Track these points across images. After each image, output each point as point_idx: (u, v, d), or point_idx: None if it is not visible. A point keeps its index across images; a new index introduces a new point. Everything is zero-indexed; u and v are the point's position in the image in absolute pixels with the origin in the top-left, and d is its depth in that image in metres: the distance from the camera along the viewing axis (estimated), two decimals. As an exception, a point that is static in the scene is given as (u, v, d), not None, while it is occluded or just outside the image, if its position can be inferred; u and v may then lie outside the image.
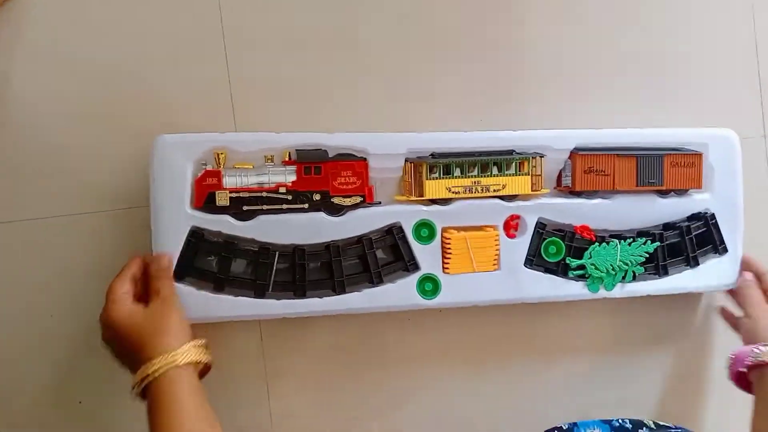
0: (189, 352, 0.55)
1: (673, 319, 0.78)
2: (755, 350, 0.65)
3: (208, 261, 0.64)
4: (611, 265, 0.69)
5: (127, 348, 0.56)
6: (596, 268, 0.69)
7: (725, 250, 0.73)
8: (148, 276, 0.60)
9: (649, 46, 0.77)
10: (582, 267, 0.69)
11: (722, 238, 0.73)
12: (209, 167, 0.63)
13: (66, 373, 0.67)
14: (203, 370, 0.59)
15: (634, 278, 0.70)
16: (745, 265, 0.73)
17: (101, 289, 0.58)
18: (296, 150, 0.64)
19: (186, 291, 0.62)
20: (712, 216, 0.72)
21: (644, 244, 0.70)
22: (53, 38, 0.65)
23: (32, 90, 0.65)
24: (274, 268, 0.64)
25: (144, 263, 0.61)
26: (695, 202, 0.73)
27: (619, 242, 0.70)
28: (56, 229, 0.65)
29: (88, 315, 0.60)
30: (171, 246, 0.62)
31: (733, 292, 0.74)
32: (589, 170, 0.69)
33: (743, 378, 0.66)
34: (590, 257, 0.69)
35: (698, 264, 0.72)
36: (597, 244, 0.69)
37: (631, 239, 0.70)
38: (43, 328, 0.66)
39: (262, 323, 0.70)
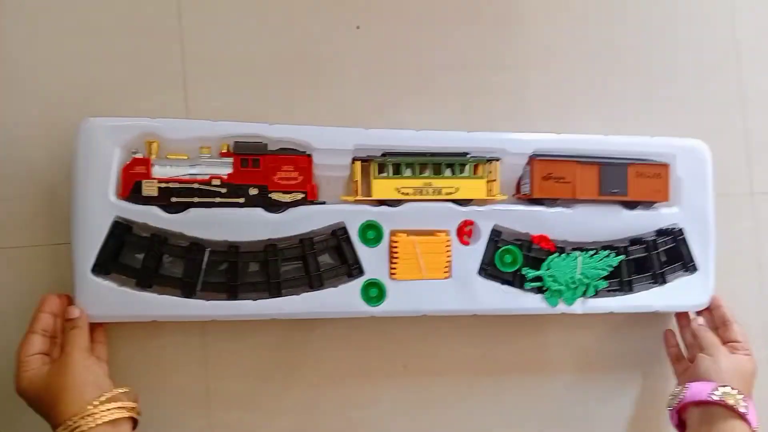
0: (98, 414, 0.51)
1: (643, 339, 0.72)
2: (717, 390, 0.61)
3: (136, 258, 0.60)
4: (571, 278, 0.65)
5: (42, 415, 0.53)
6: (555, 281, 0.64)
7: (695, 269, 0.68)
8: (61, 325, 0.57)
9: (621, 48, 0.74)
10: (539, 278, 0.64)
11: (691, 255, 0.68)
12: (141, 156, 0.59)
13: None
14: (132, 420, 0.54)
15: (596, 293, 0.66)
16: (713, 307, 0.68)
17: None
18: (235, 141, 0.60)
19: (106, 287, 0.57)
20: (680, 231, 0.68)
21: (607, 257, 0.66)
22: None
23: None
24: (204, 265, 0.59)
25: (55, 310, 0.56)
26: (663, 216, 0.68)
27: (581, 254, 0.65)
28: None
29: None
30: (93, 238, 0.57)
31: (682, 329, 0.70)
32: (548, 177, 0.65)
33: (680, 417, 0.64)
34: (548, 268, 0.64)
35: (665, 282, 0.68)
36: (556, 254, 0.65)
37: (594, 251, 0.66)
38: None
39: (206, 325, 0.64)
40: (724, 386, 0.61)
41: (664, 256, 0.68)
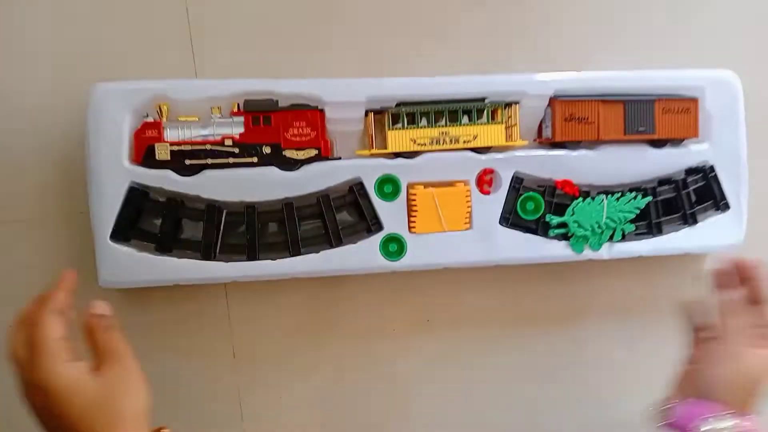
0: None
1: (675, 285, 0.70)
2: (708, 422, 0.50)
3: (154, 223, 0.60)
4: (597, 222, 0.63)
5: (63, 428, 0.41)
6: (580, 226, 0.62)
7: (727, 207, 0.66)
8: (87, 324, 0.45)
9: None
10: (564, 225, 0.63)
11: (723, 193, 0.65)
12: (151, 120, 0.58)
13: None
14: None
15: (624, 237, 0.64)
16: (746, 277, 0.55)
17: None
18: (245, 100, 0.59)
19: (126, 253, 0.57)
20: (711, 168, 0.65)
21: (634, 199, 0.63)
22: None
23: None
24: (221, 227, 0.59)
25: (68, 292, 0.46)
26: (692, 153, 0.65)
27: (606, 197, 0.63)
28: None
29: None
30: (109, 205, 0.57)
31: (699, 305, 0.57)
32: (570, 118, 0.63)
33: None
34: (573, 214, 0.62)
35: (696, 222, 0.65)
36: (581, 199, 0.63)
37: (620, 194, 0.63)
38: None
39: (228, 286, 0.65)
40: (719, 418, 0.50)
41: (694, 195, 0.65)
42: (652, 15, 0.70)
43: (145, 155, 0.58)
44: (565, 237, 0.63)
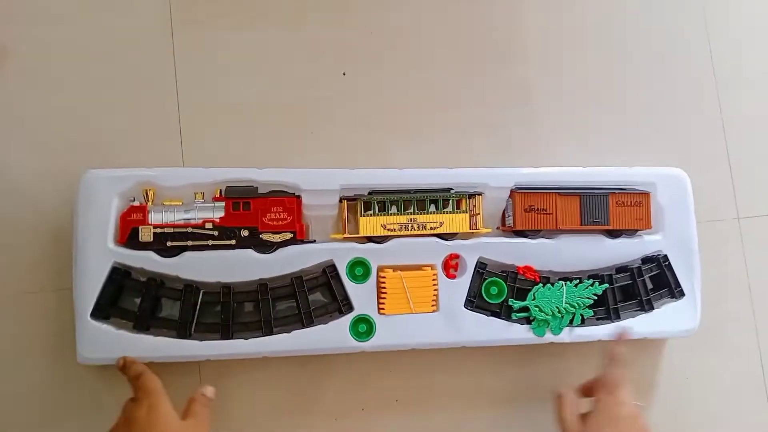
0: None
1: (635, 367, 0.73)
2: None
3: (134, 302, 0.62)
4: (557, 307, 0.66)
5: None
6: (540, 311, 0.66)
7: (682, 294, 0.69)
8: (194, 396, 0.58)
9: (598, 81, 0.77)
10: (525, 309, 0.66)
11: (677, 281, 0.69)
12: (137, 204, 0.62)
13: None
14: None
15: (583, 322, 0.67)
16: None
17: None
18: (226, 186, 0.63)
19: (104, 330, 0.60)
20: (665, 258, 0.69)
21: (592, 285, 0.67)
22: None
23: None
24: (198, 307, 0.62)
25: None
26: (646, 243, 0.70)
27: (565, 283, 0.67)
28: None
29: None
30: (92, 283, 0.60)
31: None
32: (530, 209, 0.67)
33: None
34: (534, 299, 0.66)
35: (653, 308, 0.68)
36: (541, 285, 0.66)
37: (578, 281, 0.67)
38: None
39: (201, 364, 0.66)
40: None
41: (650, 283, 0.69)
42: (606, 117, 0.77)
43: (129, 237, 0.61)
44: (527, 320, 0.66)
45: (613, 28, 0.78)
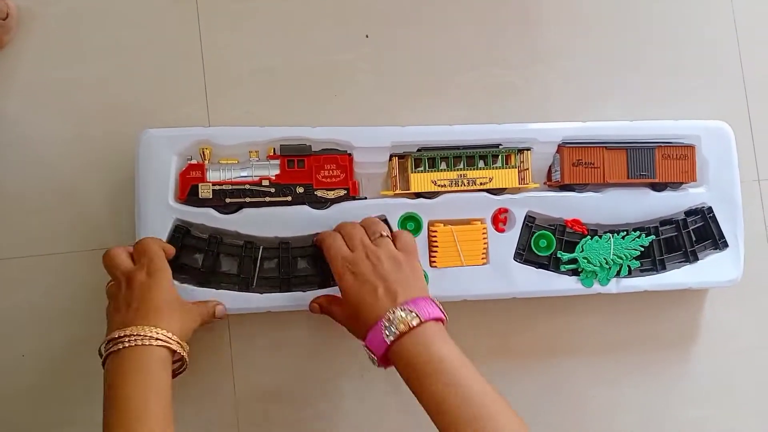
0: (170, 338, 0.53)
1: (678, 318, 0.75)
2: (386, 327, 0.53)
3: (195, 258, 0.64)
4: (605, 258, 0.67)
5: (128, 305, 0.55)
6: (589, 262, 0.67)
7: (725, 245, 0.70)
8: None
9: (637, 41, 0.77)
10: (574, 261, 0.67)
11: (721, 232, 0.70)
12: (195, 162, 0.64)
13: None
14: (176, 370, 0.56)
15: (630, 273, 0.68)
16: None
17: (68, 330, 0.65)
18: (281, 145, 0.65)
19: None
20: (710, 209, 0.70)
21: (639, 237, 0.68)
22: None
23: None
24: (258, 262, 0.64)
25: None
26: (691, 196, 0.71)
27: (613, 236, 0.68)
28: (25, 267, 0.66)
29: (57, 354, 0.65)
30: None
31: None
32: (577, 163, 0.68)
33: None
34: (582, 251, 0.67)
35: (697, 259, 0.70)
36: (589, 237, 0.68)
37: (625, 233, 0.68)
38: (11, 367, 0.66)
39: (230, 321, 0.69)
40: (387, 317, 0.53)
41: (694, 235, 0.70)
42: (652, 69, 0.77)
43: (189, 194, 0.63)
44: (576, 272, 0.68)
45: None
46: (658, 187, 0.70)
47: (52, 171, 0.67)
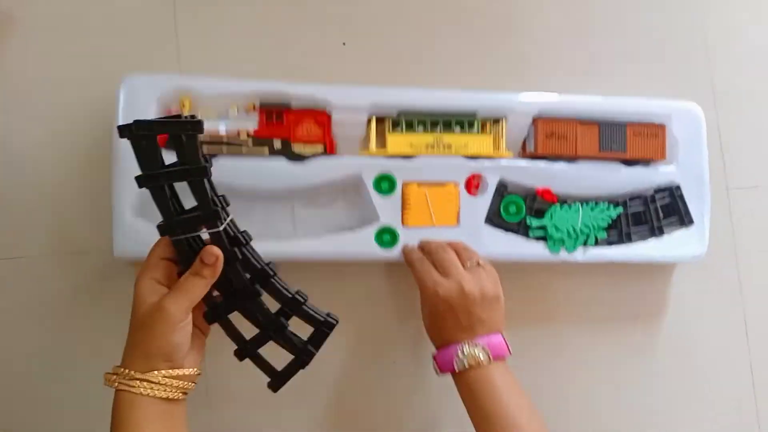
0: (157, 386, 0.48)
1: (642, 291, 0.77)
2: (459, 356, 0.59)
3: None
4: (572, 226, 0.69)
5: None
6: (557, 229, 0.69)
7: (691, 222, 0.72)
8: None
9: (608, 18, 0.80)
10: (543, 227, 0.69)
11: (688, 209, 0.72)
12: (174, 111, 0.64)
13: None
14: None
15: (597, 243, 0.70)
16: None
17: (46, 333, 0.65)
18: (260, 101, 0.66)
19: (140, 226, 0.62)
20: (678, 187, 0.72)
21: (607, 209, 0.70)
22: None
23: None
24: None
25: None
26: (661, 173, 0.72)
27: (582, 205, 0.69)
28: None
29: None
30: (130, 181, 0.62)
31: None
32: (551, 135, 0.70)
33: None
34: (551, 218, 0.69)
35: (663, 233, 0.72)
36: (558, 206, 0.69)
37: (594, 204, 0.70)
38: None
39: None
40: (462, 348, 0.59)
41: (662, 211, 0.72)
42: (627, 47, 0.79)
43: (167, 141, 0.64)
44: (543, 239, 0.69)
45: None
46: (629, 163, 0.72)
47: (26, 172, 0.67)
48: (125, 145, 0.49)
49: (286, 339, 0.53)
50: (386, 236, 0.66)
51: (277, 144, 0.66)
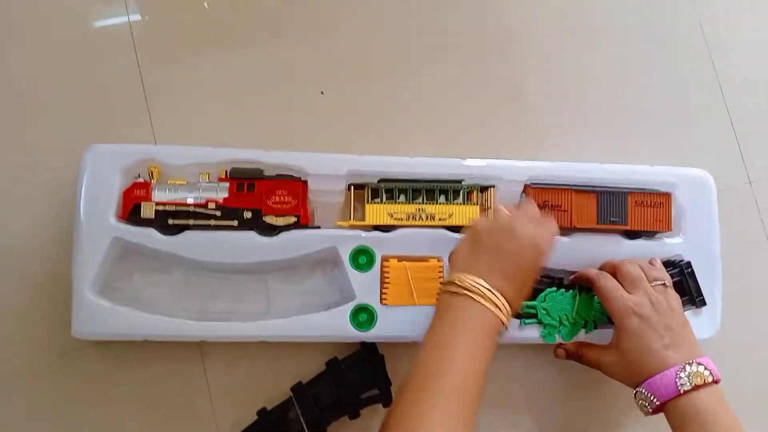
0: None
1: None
2: (681, 377, 0.54)
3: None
4: (566, 314, 0.63)
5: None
6: (548, 314, 0.62)
7: (703, 303, 0.66)
8: None
9: (617, 83, 0.75)
10: (533, 310, 0.63)
11: (699, 289, 0.66)
12: (142, 180, 0.61)
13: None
14: None
15: (596, 327, 0.64)
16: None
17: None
18: (232, 167, 0.62)
19: (101, 305, 0.59)
20: (688, 264, 0.66)
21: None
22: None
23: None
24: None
25: None
26: (666, 245, 0.66)
27: (579, 294, 0.63)
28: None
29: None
30: (91, 257, 0.59)
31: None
32: (543, 205, 0.65)
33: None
34: (544, 300, 0.63)
35: (671, 315, 0.65)
36: (554, 288, 0.63)
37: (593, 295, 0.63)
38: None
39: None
40: (683, 368, 0.54)
41: (669, 288, 0.66)
42: (628, 114, 0.74)
43: (131, 213, 0.60)
44: (535, 318, 0.63)
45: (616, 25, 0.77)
46: (631, 235, 0.66)
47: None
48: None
49: None
50: (363, 315, 0.61)
51: (248, 214, 0.62)
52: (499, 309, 0.51)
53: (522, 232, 0.53)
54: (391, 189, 0.64)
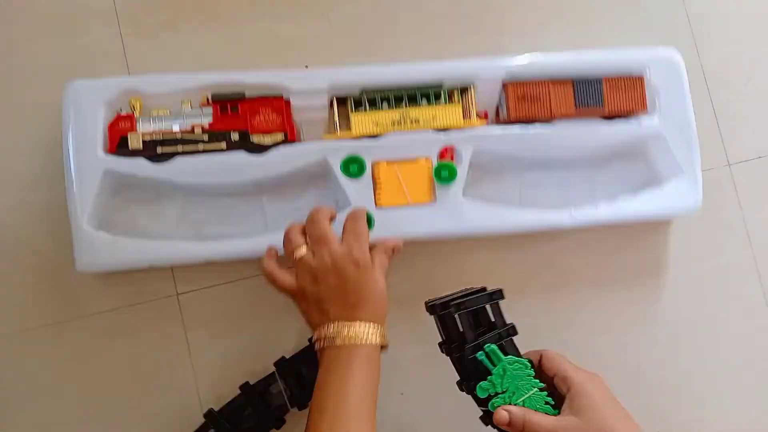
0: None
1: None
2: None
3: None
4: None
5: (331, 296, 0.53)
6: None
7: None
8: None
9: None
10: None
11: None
12: (125, 113, 0.61)
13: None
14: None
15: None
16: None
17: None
18: (212, 93, 0.63)
19: (100, 237, 0.59)
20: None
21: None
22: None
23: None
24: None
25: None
26: (643, 125, 0.68)
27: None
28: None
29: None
30: (85, 192, 0.60)
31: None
32: (522, 98, 0.66)
33: None
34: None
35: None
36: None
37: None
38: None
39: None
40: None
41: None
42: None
43: (118, 145, 0.61)
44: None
45: None
46: (608, 119, 0.68)
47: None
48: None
49: None
50: (360, 220, 0.63)
51: (235, 136, 0.62)
52: (370, 335, 0.52)
53: (337, 254, 0.54)
54: (373, 98, 0.64)
